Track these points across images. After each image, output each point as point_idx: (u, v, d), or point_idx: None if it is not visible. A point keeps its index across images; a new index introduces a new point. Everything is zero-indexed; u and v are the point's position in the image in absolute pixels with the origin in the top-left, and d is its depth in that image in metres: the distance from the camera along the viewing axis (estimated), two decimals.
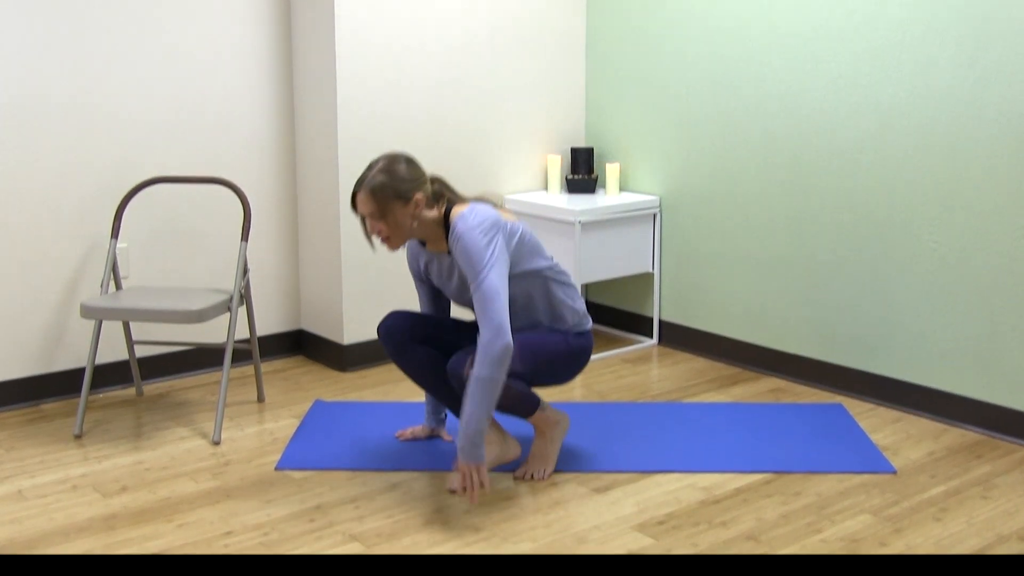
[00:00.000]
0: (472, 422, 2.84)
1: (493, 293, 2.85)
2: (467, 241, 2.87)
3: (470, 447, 2.86)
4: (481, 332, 2.84)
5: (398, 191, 2.91)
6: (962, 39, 3.42)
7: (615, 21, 4.53)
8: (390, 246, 2.98)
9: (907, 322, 3.68)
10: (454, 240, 2.90)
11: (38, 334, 3.79)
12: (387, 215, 2.92)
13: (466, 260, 2.87)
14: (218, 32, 3.99)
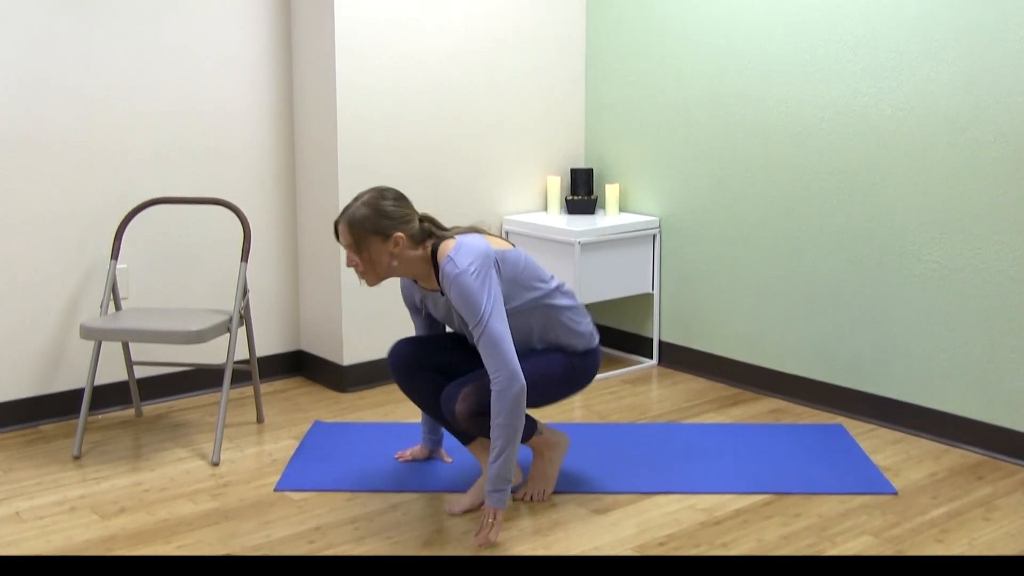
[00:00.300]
0: (500, 469, 2.83)
1: (499, 337, 2.81)
2: (461, 286, 2.81)
3: (499, 496, 2.86)
4: (493, 379, 2.81)
5: (377, 227, 2.86)
6: (959, 63, 3.43)
7: (615, 42, 4.55)
8: (366, 281, 2.93)
9: (907, 343, 3.68)
10: (446, 285, 2.85)
11: (37, 355, 3.79)
12: (363, 250, 2.87)
13: (463, 306, 2.82)
14: (218, 54, 4.01)
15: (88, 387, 3.52)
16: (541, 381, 3.02)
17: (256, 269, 4.22)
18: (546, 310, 3.03)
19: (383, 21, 4.06)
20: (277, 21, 4.13)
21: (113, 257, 3.67)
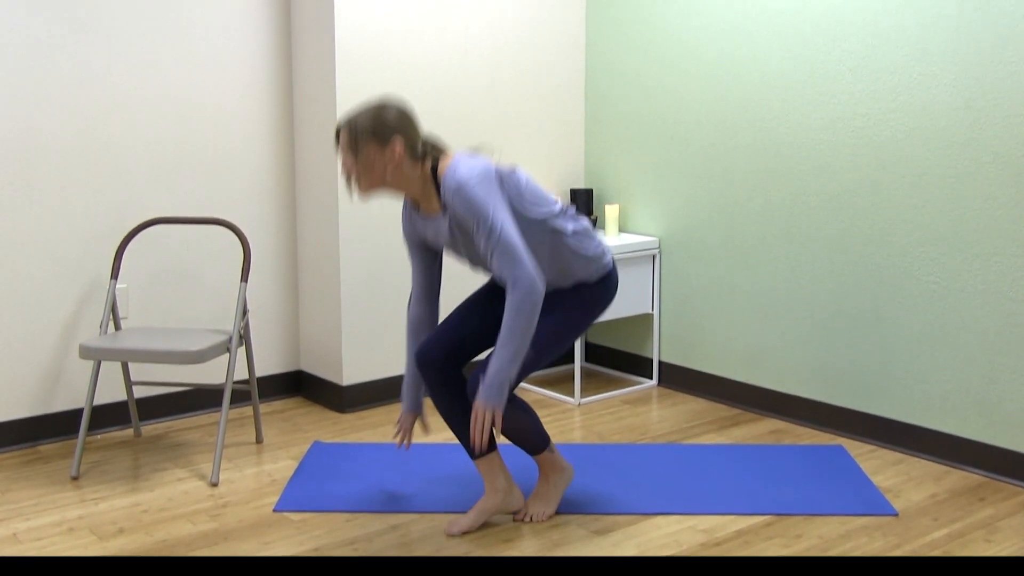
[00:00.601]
0: (504, 368, 2.78)
1: (513, 241, 2.74)
2: (466, 195, 2.74)
3: (496, 391, 2.79)
4: (513, 282, 2.74)
5: (376, 131, 2.79)
6: (957, 83, 3.44)
7: (614, 64, 4.56)
8: (358, 189, 2.85)
9: (907, 363, 3.68)
10: (449, 196, 2.76)
11: (36, 375, 3.78)
12: (359, 152, 2.80)
13: (471, 214, 2.75)
14: (218, 72, 4.02)
15: (87, 407, 3.51)
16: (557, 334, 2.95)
17: (256, 289, 4.22)
18: (553, 236, 2.93)
19: (382, 43, 4.07)
20: (277, 38, 4.15)
21: (113, 277, 3.67)
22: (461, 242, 2.91)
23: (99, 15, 3.74)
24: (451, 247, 2.96)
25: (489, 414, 2.81)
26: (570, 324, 3.00)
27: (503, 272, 2.76)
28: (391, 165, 2.82)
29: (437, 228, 2.93)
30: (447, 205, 2.81)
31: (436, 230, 2.94)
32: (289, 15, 4.16)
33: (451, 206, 2.78)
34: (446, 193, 2.78)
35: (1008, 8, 3.30)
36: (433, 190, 2.87)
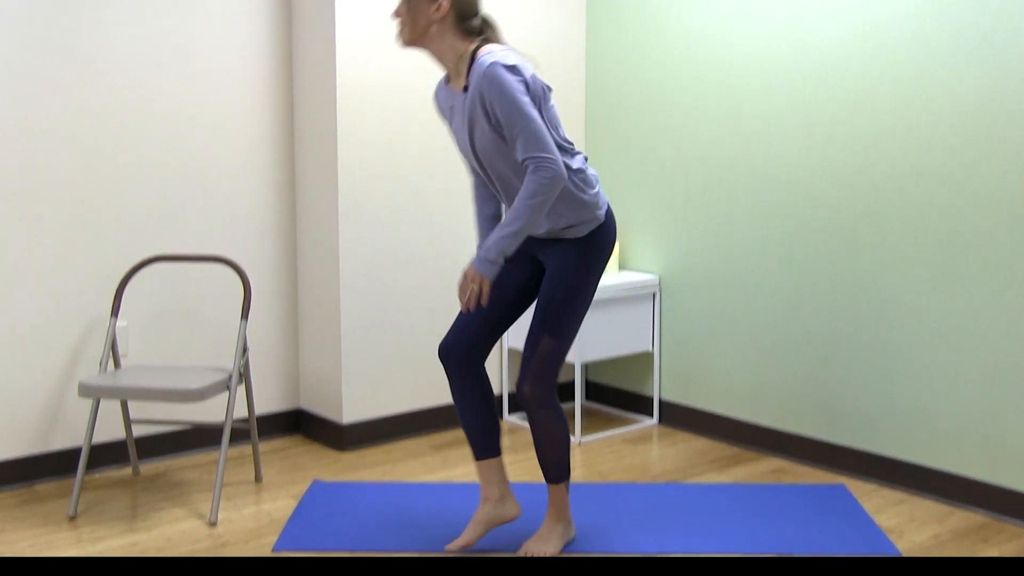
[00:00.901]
0: (504, 240, 2.77)
1: (541, 127, 2.74)
2: (497, 75, 2.72)
3: (489, 263, 2.79)
4: (536, 167, 2.73)
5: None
6: (955, 123, 3.46)
7: (613, 100, 4.59)
8: (401, 38, 2.85)
9: (909, 402, 3.67)
10: (477, 74, 2.74)
11: (35, 413, 3.77)
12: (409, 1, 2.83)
13: (498, 95, 2.73)
14: (219, 110, 4.04)
15: (86, 446, 3.50)
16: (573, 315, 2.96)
17: (256, 326, 4.21)
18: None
19: (384, 83, 4.10)
20: (280, 78, 4.17)
21: (113, 314, 3.67)
22: (474, 128, 2.85)
23: (101, 52, 3.76)
24: (461, 131, 2.91)
25: (478, 280, 2.80)
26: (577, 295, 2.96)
27: (528, 154, 2.74)
28: (435, 23, 2.82)
29: (455, 105, 2.91)
30: (472, 86, 2.78)
31: (453, 112, 2.92)
32: (291, 55, 4.19)
33: (478, 87, 2.76)
34: (475, 72, 2.76)
35: (1005, 48, 3.32)
36: (465, 68, 2.84)
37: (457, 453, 4.12)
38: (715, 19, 4.15)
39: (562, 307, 2.95)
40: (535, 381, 2.97)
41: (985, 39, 3.37)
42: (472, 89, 2.79)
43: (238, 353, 3.58)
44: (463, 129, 2.90)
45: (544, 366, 2.96)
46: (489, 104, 2.76)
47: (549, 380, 2.97)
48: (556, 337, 2.95)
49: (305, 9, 4.10)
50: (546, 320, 2.95)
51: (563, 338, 2.96)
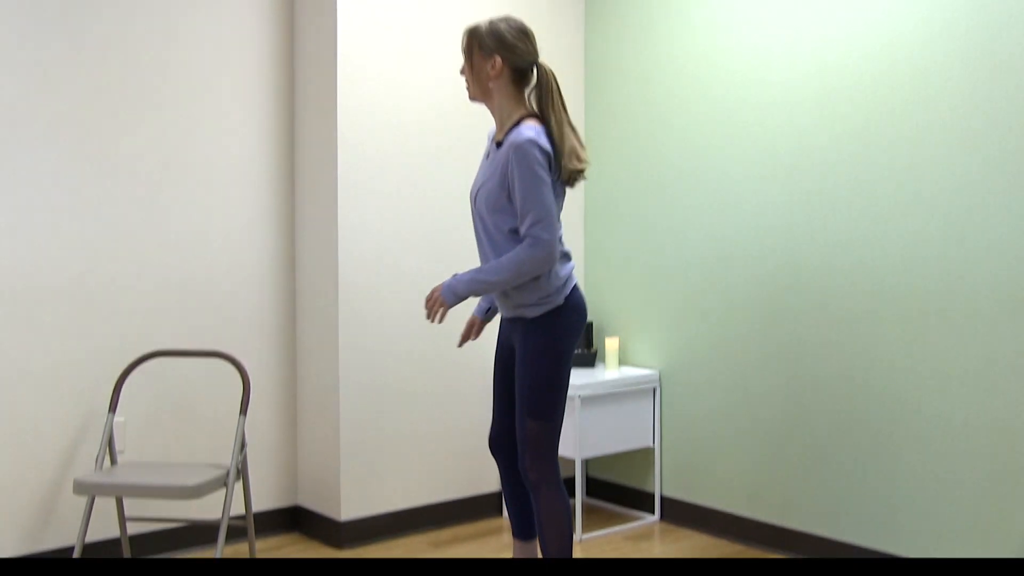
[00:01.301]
0: (477, 281, 2.95)
1: (551, 209, 2.92)
2: (528, 151, 2.89)
3: (456, 293, 2.96)
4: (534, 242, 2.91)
5: (483, 41, 3.00)
6: (950, 214, 3.49)
7: (612, 196, 4.64)
8: (469, 93, 3.06)
9: (914, 498, 3.63)
10: (513, 140, 2.91)
11: (29, 511, 3.72)
12: (469, 57, 3.03)
13: (524, 168, 2.90)
14: (220, 210, 4.08)
15: (79, 545, 3.44)
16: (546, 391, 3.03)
17: (254, 421, 4.19)
18: None
19: (385, 167, 4.15)
20: (280, 176, 4.22)
21: (111, 410, 3.65)
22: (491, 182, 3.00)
23: (104, 151, 3.81)
24: (480, 181, 3.07)
25: (439, 302, 2.98)
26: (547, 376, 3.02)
27: (534, 231, 2.91)
28: (492, 80, 3.01)
29: (487, 154, 3.11)
30: (506, 146, 2.96)
31: (485, 157, 3.12)
32: (293, 150, 4.25)
33: (507, 149, 2.94)
34: (513, 136, 2.92)
35: (999, 140, 3.37)
36: (507, 128, 3.03)
37: (456, 551, 4.06)
38: (710, 114, 4.23)
39: (535, 391, 3.02)
40: (533, 462, 3.04)
41: (982, 129, 3.42)
42: (505, 148, 2.96)
43: (236, 449, 3.55)
44: (484, 180, 3.06)
45: (537, 448, 3.03)
46: (511, 170, 2.93)
47: (547, 458, 3.03)
48: (539, 418, 3.02)
49: (308, 111, 4.17)
50: (524, 406, 3.03)
51: (547, 418, 3.03)
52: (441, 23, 4.30)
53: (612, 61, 4.64)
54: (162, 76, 3.93)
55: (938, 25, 3.51)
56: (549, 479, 3.04)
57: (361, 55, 4.08)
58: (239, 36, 4.10)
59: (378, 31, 4.12)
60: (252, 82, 4.14)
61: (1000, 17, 3.36)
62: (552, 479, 3.04)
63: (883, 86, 3.66)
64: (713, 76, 4.22)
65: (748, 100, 4.09)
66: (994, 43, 3.37)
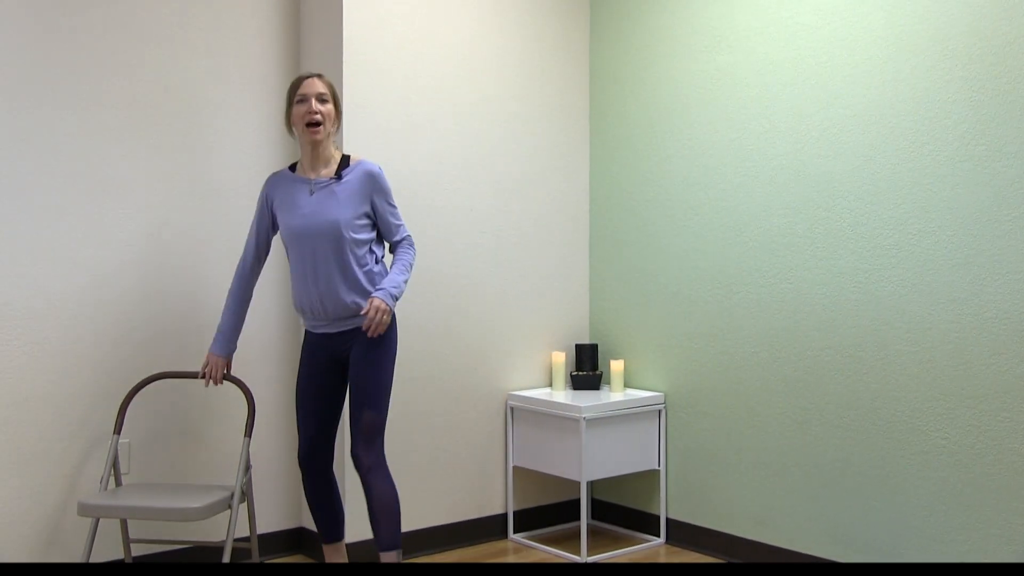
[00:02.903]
0: (400, 285, 3.48)
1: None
2: (383, 179, 3.53)
3: (392, 298, 3.43)
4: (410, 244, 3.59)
5: (337, 96, 3.54)
6: (956, 240, 3.49)
7: (618, 220, 4.64)
8: (316, 134, 3.45)
9: (920, 522, 3.61)
10: (372, 171, 3.49)
11: (31, 533, 3.71)
12: (331, 103, 3.49)
13: (383, 192, 3.52)
14: (225, 234, 4.08)
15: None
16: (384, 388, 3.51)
17: (258, 443, 4.18)
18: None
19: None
20: None
21: (116, 432, 3.65)
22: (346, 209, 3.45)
23: (112, 174, 3.82)
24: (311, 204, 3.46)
25: (384, 309, 3.40)
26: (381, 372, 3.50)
27: (397, 234, 3.56)
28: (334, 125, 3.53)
29: (318, 188, 3.48)
30: (347, 176, 3.48)
31: (317, 189, 3.48)
32: None
33: (358, 179, 3.48)
34: (363, 167, 3.50)
35: (1003, 168, 3.37)
36: (336, 165, 3.52)
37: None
38: (715, 137, 4.23)
39: (372, 383, 3.47)
40: (368, 449, 3.46)
41: (985, 157, 3.42)
42: (358, 177, 3.49)
43: (240, 470, 3.55)
44: (320, 201, 3.48)
45: (371, 435, 3.46)
46: (373, 193, 3.50)
47: (378, 445, 3.47)
48: (374, 408, 3.47)
49: None
50: (363, 399, 3.46)
51: (380, 408, 3.49)
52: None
53: (616, 86, 4.65)
54: (167, 96, 3.94)
55: (941, 51, 3.52)
56: (380, 463, 3.47)
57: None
58: (243, 59, 4.11)
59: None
60: (257, 104, 4.15)
61: (1003, 41, 3.36)
62: (383, 463, 3.48)
63: (888, 112, 3.67)
64: (718, 102, 4.22)
65: (752, 127, 4.09)
66: (998, 67, 3.38)
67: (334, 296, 3.45)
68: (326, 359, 3.56)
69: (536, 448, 4.38)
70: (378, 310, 3.38)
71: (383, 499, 3.45)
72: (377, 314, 3.38)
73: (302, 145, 3.52)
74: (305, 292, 3.50)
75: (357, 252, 3.46)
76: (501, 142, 4.49)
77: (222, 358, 3.63)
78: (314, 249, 3.45)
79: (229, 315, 3.62)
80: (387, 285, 3.44)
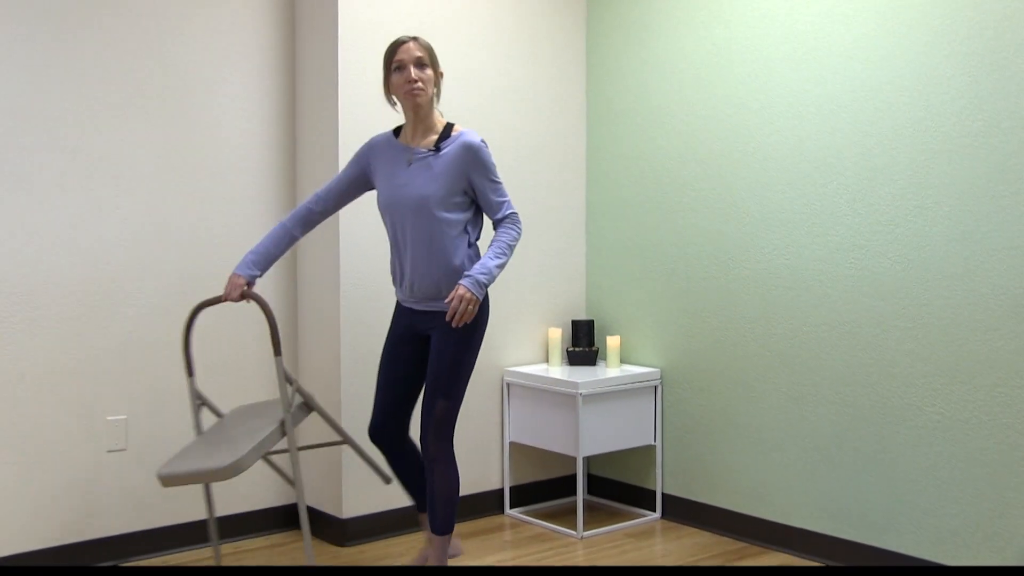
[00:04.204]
0: (491, 272, 3.25)
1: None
2: (484, 153, 3.31)
3: (480, 286, 3.22)
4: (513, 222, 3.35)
5: (435, 57, 3.36)
6: (953, 216, 3.50)
7: (614, 196, 4.64)
8: (418, 100, 3.30)
9: (914, 496, 3.64)
10: (465, 143, 3.29)
11: (27, 510, 3.72)
12: (430, 67, 3.33)
13: (484, 167, 3.31)
14: (224, 211, 4.08)
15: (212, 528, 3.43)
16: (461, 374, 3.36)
17: None
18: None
19: None
20: (283, 176, 4.22)
21: (189, 374, 3.54)
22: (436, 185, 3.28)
23: (108, 152, 3.81)
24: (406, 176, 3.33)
25: (470, 299, 3.20)
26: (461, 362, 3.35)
27: (509, 211, 3.35)
28: (433, 92, 3.36)
29: (414, 159, 3.34)
30: (445, 149, 3.31)
31: (413, 160, 3.34)
32: (295, 147, 4.25)
33: (462, 151, 3.30)
34: (463, 138, 3.31)
35: (1000, 144, 3.38)
36: (439, 133, 3.36)
37: None
38: (712, 114, 4.23)
39: (451, 374, 3.33)
40: (436, 439, 3.34)
41: (982, 132, 3.43)
42: (455, 151, 3.31)
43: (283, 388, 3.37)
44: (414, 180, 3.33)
45: (442, 426, 3.34)
46: (469, 168, 3.30)
47: (448, 437, 3.36)
48: (448, 398, 3.34)
49: (309, 108, 4.17)
50: (438, 387, 3.34)
51: (455, 398, 3.35)
52: (444, 22, 4.30)
53: (614, 63, 4.64)
54: (164, 76, 3.93)
55: (939, 26, 3.51)
56: (448, 455, 3.36)
57: (362, 50, 4.08)
58: (240, 34, 4.10)
59: (379, 28, 4.12)
60: (254, 82, 4.14)
61: (1001, 17, 3.36)
62: (450, 455, 3.37)
63: (885, 88, 3.67)
64: (715, 78, 4.22)
65: (749, 104, 4.09)
66: (995, 43, 3.38)
67: (420, 275, 3.33)
68: (410, 332, 3.46)
69: (532, 424, 4.40)
70: (463, 299, 3.19)
71: (444, 487, 3.37)
72: (462, 304, 3.19)
73: (404, 112, 3.39)
74: (395, 265, 3.41)
75: (448, 232, 3.30)
76: (496, 118, 4.49)
77: (241, 277, 3.40)
78: (404, 223, 3.33)
79: (263, 240, 3.47)
80: (475, 272, 3.23)
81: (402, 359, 3.48)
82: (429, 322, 3.39)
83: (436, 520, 3.39)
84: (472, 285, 3.20)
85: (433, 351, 3.35)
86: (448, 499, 3.38)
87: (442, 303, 3.34)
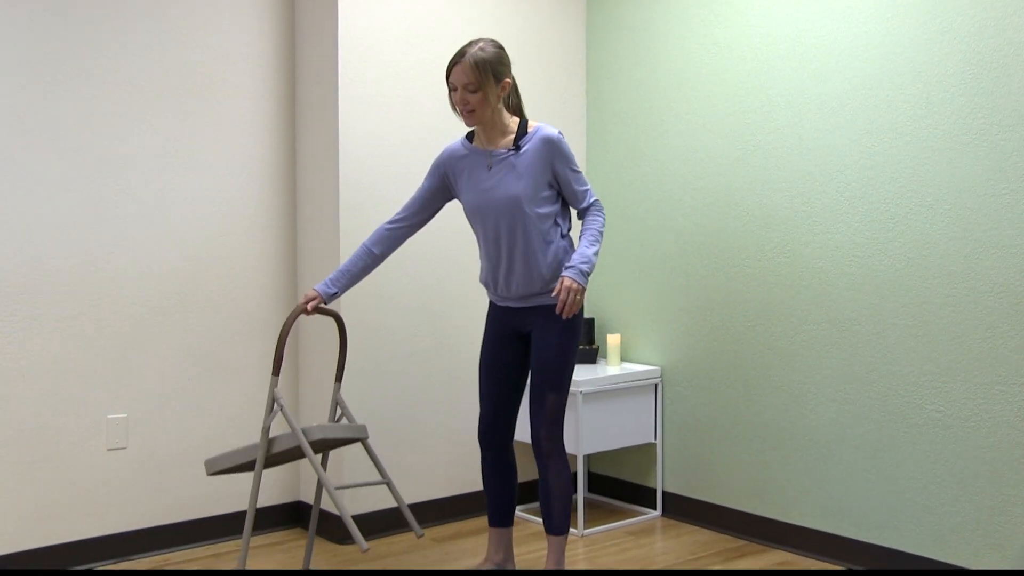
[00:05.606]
0: (591, 259, 3.26)
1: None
2: (564, 144, 3.31)
3: (584, 275, 3.23)
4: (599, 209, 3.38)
5: (496, 69, 3.24)
6: (953, 214, 3.50)
7: (614, 194, 4.64)
8: (473, 120, 3.27)
9: (914, 494, 3.64)
10: (544, 137, 3.28)
11: (26, 508, 3.72)
12: (481, 88, 3.23)
13: (565, 159, 3.31)
14: (226, 212, 4.08)
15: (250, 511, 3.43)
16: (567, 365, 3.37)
17: (255, 418, 4.19)
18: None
19: (387, 167, 4.15)
20: (284, 181, 4.22)
21: (275, 372, 3.39)
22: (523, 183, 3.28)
23: (109, 150, 3.82)
24: (490, 179, 3.32)
25: (577, 289, 3.20)
26: (566, 353, 3.36)
27: (593, 200, 3.37)
28: (496, 103, 3.30)
29: (495, 160, 3.33)
30: (525, 147, 3.30)
31: (496, 162, 3.33)
32: (294, 148, 4.25)
33: (536, 148, 3.29)
34: (542, 132, 3.30)
35: (1000, 141, 3.38)
36: (514, 135, 3.34)
37: (460, 547, 4.07)
38: (712, 111, 4.23)
39: (557, 366, 3.34)
40: (550, 434, 3.35)
41: (982, 130, 3.43)
42: (536, 146, 3.30)
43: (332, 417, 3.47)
44: (501, 180, 3.32)
45: (555, 419, 3.35)
46: (553, 161, 3.31)
47: (561, 431, 3.38)
48: (558, 391, 3.34)
49: (309, 110, 4.17)
50: (545, 380, 3.34)
51: (563, 391, 3.36)
52: (444, 22, 4.30)
53: (614, 63, 4.64)
54: (164, 76, 3.93)
55: (939, 24, 3.51)
56: (561, 448, 3.37)
57: (362, 50, 4.08)
58: (241, 35, 4.10)
59: (379, 30, 4.12)
60: (254, 82, 4.14)
61: (1002, 14, 3.36)
62: (563, 448, 3.38)
63: (886, 86, 3.67)
64: (715, 77, 4.22)
65: (749, 103, 4.09)
66: (996, 40, 3.38)
67: (518, 275, 3.33)
68: (509, 333, 3.47)
69: None
70: (570, 291, 3.19)
71: (560, 484, 3.38)
72: (570, 295, 3.19)
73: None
74: (490, 269, 3.41)
75: (541, 227, 3.31)
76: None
77: (318, 293, 3.40)
78: (496, 226, 3.33)
79: (346, 260, 3.49)
80: (576, 262, 3.24)
81: (504, 359, 3.48)
82: (530, 318, 3.40)
83: (553, 519, 3.38)
84: (576, 275, 3.22)
85: (537, 346, 3.36)
86: (566, 496, 3.39)
87: (542, 298, 3.36)
